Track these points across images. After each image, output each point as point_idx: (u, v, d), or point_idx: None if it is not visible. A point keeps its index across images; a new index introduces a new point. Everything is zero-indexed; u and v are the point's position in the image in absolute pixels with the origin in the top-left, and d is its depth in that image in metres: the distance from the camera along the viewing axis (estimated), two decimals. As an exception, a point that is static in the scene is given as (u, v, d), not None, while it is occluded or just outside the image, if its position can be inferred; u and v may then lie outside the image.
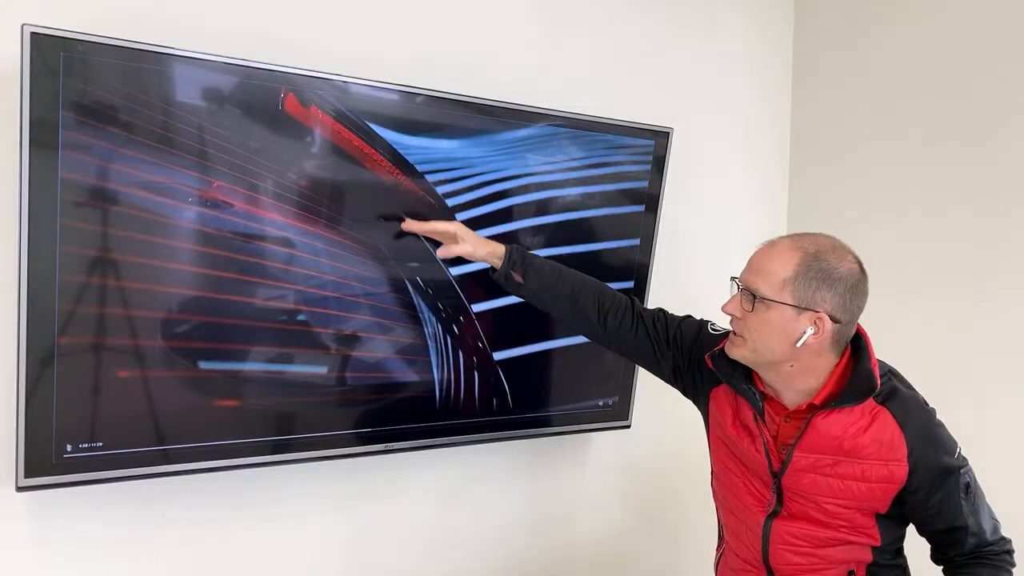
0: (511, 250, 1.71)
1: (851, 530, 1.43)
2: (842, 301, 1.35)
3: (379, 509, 2.02)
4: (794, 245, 1.38)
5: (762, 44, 2.68)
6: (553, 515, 2.32)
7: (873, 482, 1.38)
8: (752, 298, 1.37)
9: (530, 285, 1.70)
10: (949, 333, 2.30)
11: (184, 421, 1.62)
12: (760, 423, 1.45)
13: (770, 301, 1.35)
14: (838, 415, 1.39)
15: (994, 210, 2.21)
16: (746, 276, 1.41)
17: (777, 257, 1.37)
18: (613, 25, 2.32)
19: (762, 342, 1.38)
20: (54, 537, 1.63)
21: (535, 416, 2.10)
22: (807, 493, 1.43)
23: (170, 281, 1.57)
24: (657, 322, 1.66)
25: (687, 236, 2.48)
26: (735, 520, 1.57)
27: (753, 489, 1.50)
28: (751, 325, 1.39)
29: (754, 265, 1.41)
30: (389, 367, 1.84)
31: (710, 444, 1.63)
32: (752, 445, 1.48)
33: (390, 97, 1.75)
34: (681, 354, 1.63)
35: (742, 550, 1.56)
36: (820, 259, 1.35)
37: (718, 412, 1.56)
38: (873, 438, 1.38)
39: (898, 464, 1.37)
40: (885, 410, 1.39)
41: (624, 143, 2.06)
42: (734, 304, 1.42)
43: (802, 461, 1.42)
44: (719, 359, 1.48)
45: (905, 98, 2.42)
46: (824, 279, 1.34)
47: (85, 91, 1.43)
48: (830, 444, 1.39)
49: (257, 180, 1.62)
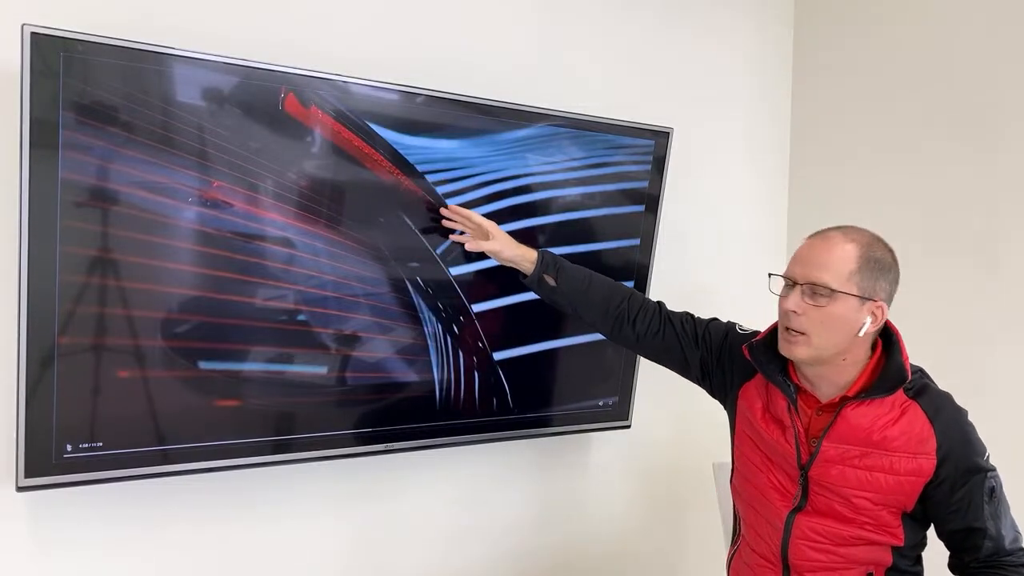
0: (543, 254, 1.74)
1: (875, 528, 1.43)
2: (892, 289, 1.42)
3: (379, 509, 2.02)
4: (847, 237, 1.41)
5: (762, 44, 2.68)
6: (553, 515, 2.32)
7: (901, 475, 1.39)
8: (818, 292, 1.38)
9: (562, 288, 1.72)
10: (949, 333, 2.30)
11: (184, 421, 1.62)
12: (794, 414, 1.47)
13: (840, 293, 1.37)
14: (868, 407, 1.41)
15: (994, 209, 2.21)
16: (807, 271, 1.40)
17: (838, 250, 1.40)
18: (613, 25, 2.32)
19: (827, 336, 1.39)
20: (54, 537, 1.63)
21: (535, 416, 2.10)
22: (834, 485, 1.43)
23: (170, 281, 1.57)
24: (686, 324, 1.69)
25: (687, 236, 2.48)
26: (755, 515, 1.57)
27: (777, 483, 1.51)
28: (816, 319, 1.39)
29: (811, 259, 1.41)
30: (389, 367, 1.84)
31: (734, 440, 1.64)
32: (783, 436, 1.49)
33: (390, 97, 1.75)
34: (710, 353, 1.65)
35: (760, 545, 1.56)
36: (874, 249, 1.41)
37: (747, 407, 1.57)
38: (902, 431, 1.39)
39: (927, 457, 1.38)
40: (915, 404, 1.41)
41: (624, 143, 2.06)
42: (795, 300, 1.40)
43: (831, 452, 1.43)
44: (756, 350, 1.51)
45: (905, 98, 2.42)
46: (880, 269, 1.40)
47: (85, 91, 1.43)
48: (859, 435, 1.41)
49: (257, 180, 1.62)
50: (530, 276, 1.74)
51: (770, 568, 1.54)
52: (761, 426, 1.53)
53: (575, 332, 2.08)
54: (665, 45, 2.43)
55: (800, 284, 1.40)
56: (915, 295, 2.37)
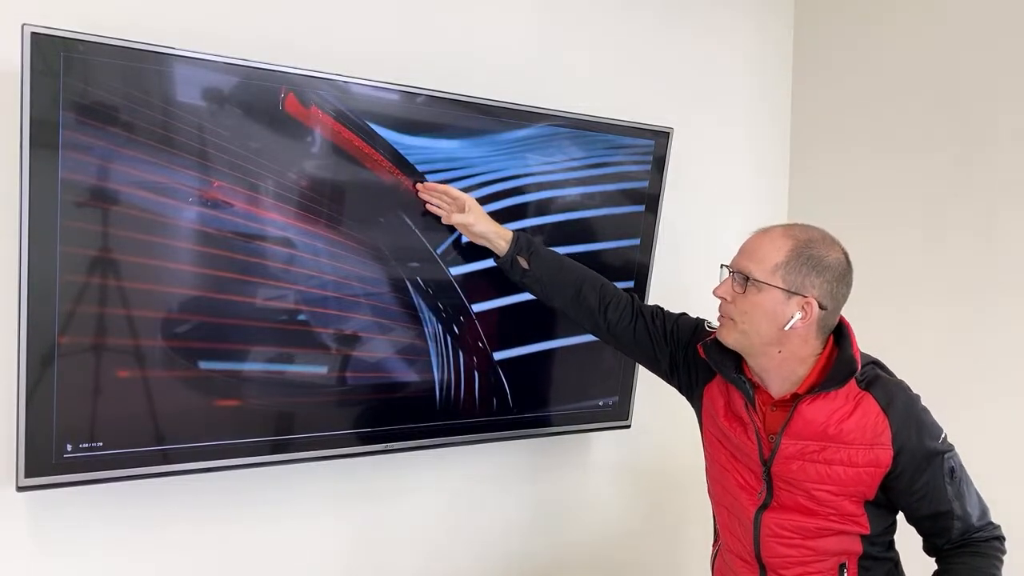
0: (519, 235, 1.74)
1: (840, 518, 1.45)
2: (829, 288, 1.41)
3: (379, 509, 2.02)
4: (786, 233, 1.43)
5: (762, 44, 2.68)
6: (553, 515, 2.32)
7: (859, 466, 1.40)
8: (744, 281, 1.42)
9: (535, 272, 1.72)
10: (949, 333, 2.30)
11: (184, 421, 1.62)
12: (751, 410, 1.48)
13: (761, 284, 1.40)
14: (822, 401, 1.42)
15: (994, 209, 2.21)
16: (738, 260, 1.46)
17: (770, 243, 1.43)
18: (613, 25, 2.32)
19: (751, 325, 1.42)
20: (54, 537, 1.63)
21: (535, 416, 2.10)
22: (795, 480, 1.45)
23: (170, 281, 1.57)
24: (656, 318, 1.70)
25: (687, 236, 2.48)
26: (727, 515, 1.59)
27: (744, 482, 1.52)
28: (741, 308, 1.43)
29: (747, 250, 1.46)
30: (389, 367, 1.84)
31: (704, 440, 1.65)
32: (744, 434, 1.50)
33: (390, 97, 1.75)
34: (678, 350, 1.66)
35: (735, 545, 1.57)
36: (811, 247, 1.41)
37: (711, 405, 1.59)
38: (857, 423, 1.40)
39: (883, 448, 1.39)
40: (868, 395, 1.42)
41: (624, 143, 2.06)
42: (725, 287, 1.46)
43: (790, 448, 1.44)
44: (711, 348, 1.53)
45: (905, 98, 2.42)
46: (814, 266, 1.40)
47: (85, 91, 1.43)
48: (816, 430, 1.42)
49: (257, 180, 1.62)
50: (503, 256, 1.73)
51: (747, 567, 1.55)
52: (724, 424, 1.54)
53: (575, 332, 2.08)
54: (665, 45, 2.43)
55: (731, 271, 1.46)
56: (915, 294, 2.38)
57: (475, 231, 1.75)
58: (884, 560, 1.50)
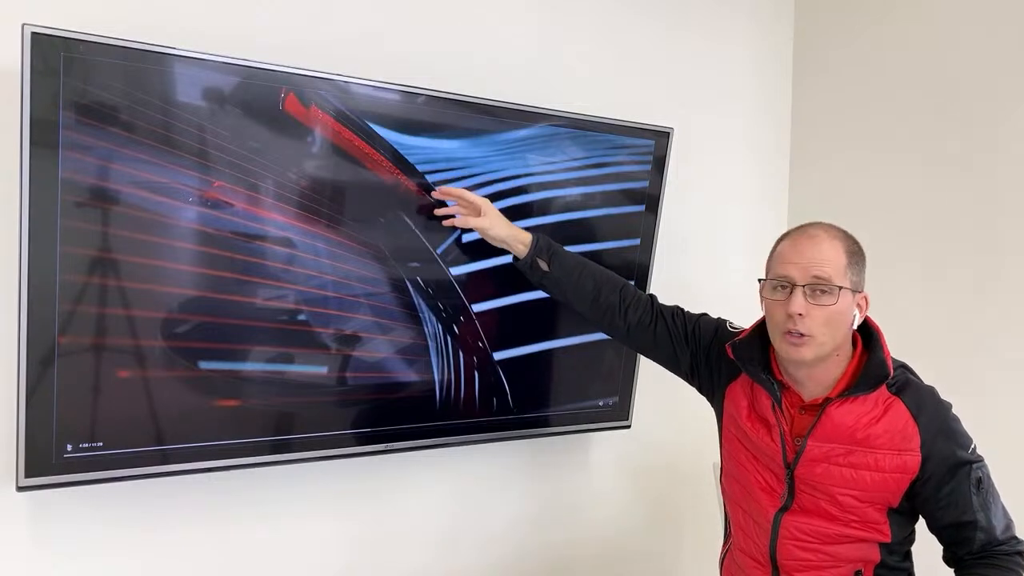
0: (538, 238, 1.72)
1: (862, 525, 1.43)
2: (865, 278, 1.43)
3: (379, 509, 2.02)
4: (830, 233, 1.41)
5: (762, 44, 2.68)
6: (553, 515, 2.32)
7: (886, 472, 1.39)
8: (827, 289, 1.36)
9: (555, 274, 1.70)
10: (949, 332, 2.30)
11: (184, 421, 1.62)
12: (778, 412, 1.46)
13: (840, 289, 1.37)
14: (851, 404, 1.40)
15: (994, 209, 2.21)
16: (808, 271, 1.38)
17: (829, 248, 1.39)
18: (613, 25, 2.32)
19: (831, 334, 1.38)
20: (54, 537, 1.63)
21: (535, 416, 2.10)
22: (820, 484, 1.43)
23: (170, 281, 1.57)
24: (676, 318, 1.68)
25: (687, 236, 2.48)
26: (744, 515, 1.57)
27: (765, 483, 1.51)
28: (820, 319, 1.36)
29: (812, 257, 1.38)
30: (389, 367, 1.84)
31: (722, 441, 1.63)
32: (768, 435, 1.48)
33: (390, 97, 1.75)
34: (699, 350, 1.65)
35: (749, 546, 1.56)
36: (852, 242, 1.42)
37: (733, 406, 1.57)
38: (886, 428, 1.38)
39: (911, 454, 1.37)
40: (899, 400, 1.40)
41: (624, 143, 2.06)
42: (800, 302, 1.36)
43: (816, 451, 1.42)
44: (739, 348, 1.51)
45: (905, 98, 2.42)
46: (861, 260, 1.42)
47: (85, 91, 1.43)
48: (843, 433, 1.40)
49: (258, 180, 1.62)
50: (523, 259, 1.71)
51: (759, 568, 1.53)
52: (747, 425, 1.52)
53: (575, 332, 2.08)
54: (665, 45, 2.44)
55: (800, 285, 1.37)
56: (915, 294, 2.38)
57: (493, 235, 1.73)
58: (899, 571, 1.49)
